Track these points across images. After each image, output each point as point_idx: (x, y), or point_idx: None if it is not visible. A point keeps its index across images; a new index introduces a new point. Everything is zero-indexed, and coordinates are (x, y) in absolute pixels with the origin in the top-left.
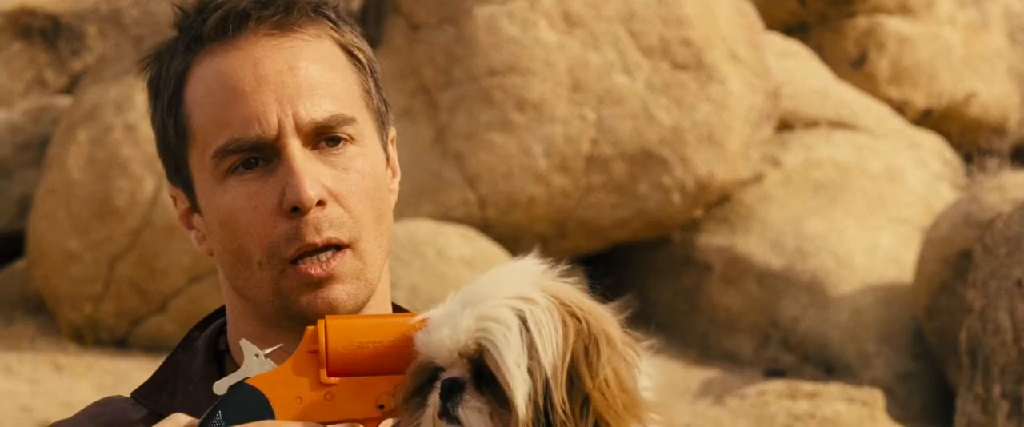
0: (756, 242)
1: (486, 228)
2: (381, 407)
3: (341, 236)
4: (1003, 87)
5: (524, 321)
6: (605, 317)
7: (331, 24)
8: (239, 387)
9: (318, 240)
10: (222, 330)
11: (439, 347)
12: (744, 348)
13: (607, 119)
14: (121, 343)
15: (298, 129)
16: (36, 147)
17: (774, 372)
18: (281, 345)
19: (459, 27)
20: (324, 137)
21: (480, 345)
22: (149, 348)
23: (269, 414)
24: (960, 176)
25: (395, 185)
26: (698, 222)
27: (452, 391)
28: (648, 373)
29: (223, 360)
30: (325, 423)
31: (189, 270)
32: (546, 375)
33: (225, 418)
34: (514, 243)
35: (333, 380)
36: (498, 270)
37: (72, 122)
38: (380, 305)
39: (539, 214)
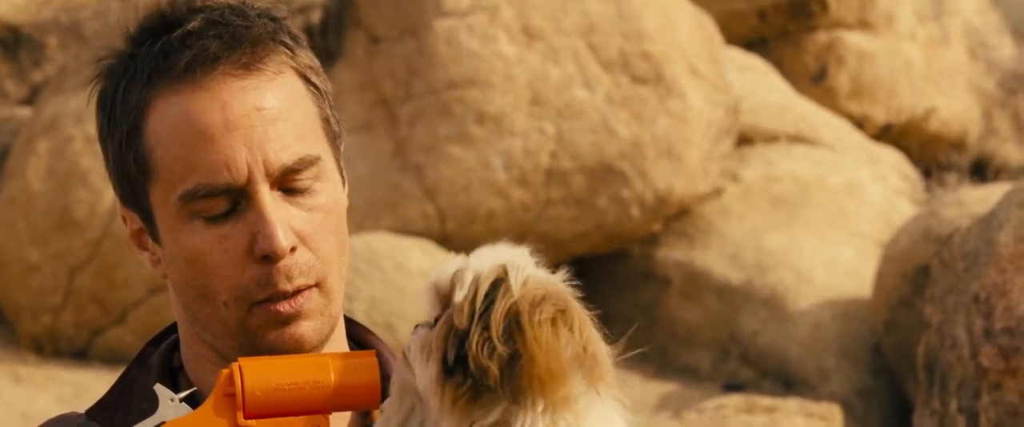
0: (715, 256)
1: (445, 241)
2: None
3: (310, 281)
4: (963, 102)
5: (500, 273)
6: (568, 295)
7: (287, 51)
8: None
9: (289, 287)
10: (176, 346)
11: (427, 293)
12: (703, 362)
13: (566, 133)
14: (81, 354)
15: (268, 174)
16: None
17: (732, 386)
18: (195, 389)
19: (419, 40)
20: (291, 185)
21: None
22: (109, 360)
23: None
24: (919, 191)
25: (345, 196)
26: (657, 236)
27: (417, 329)
28: (621, 392)
29: (177, 377)
30: None
31: (149, 281)
32: (489, 304)
33: None
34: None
35: (250, 423)
36: (493, 249)
37: (32, 133)
38: (337, 331)
39: (498, 227)
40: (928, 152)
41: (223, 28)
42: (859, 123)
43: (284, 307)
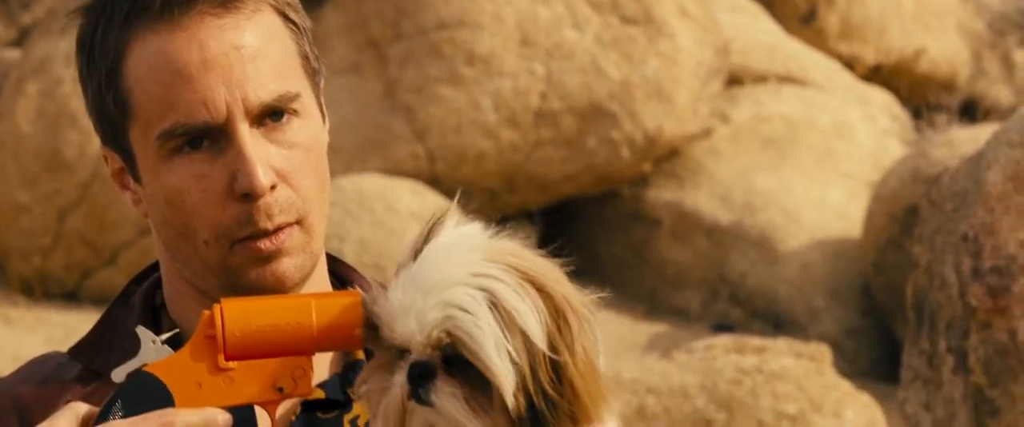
0: (705, 197)
1: (435, 182)
2: (280, 390)
3: (290, 218)
4: (952, 43)
5: (495, 304)
6: (560, 278)
7: None
8: (137, 375)
9: (270, 225)
10: (159, 284)
11: (406, 337)
12: (692, 303)
13: (556, 73)
14: (71, 296)
15: (247, 111)
16: None
17: (722, 327)
18: (177, 330)
19: None
20: (270, 119)
21: (451, 335)
22: (99, 301)
23: (168, 401)
24: (909, 132)
25: (326, 134)
26: (647, 177)
27: (422, 377)
28: (599, 331)
29: (159, 316)
30: (225, 407)
31: (138, 223)
32: (530, 359)
33: (124, 407)
34: (463, 197)
35: (231, 364)
36: (442, 243)
37: (21, 75)
38: (318, 267)
39: (488, 168)
40: (918, 93)
41: None
42: (849, 64)
43: (265, 245)
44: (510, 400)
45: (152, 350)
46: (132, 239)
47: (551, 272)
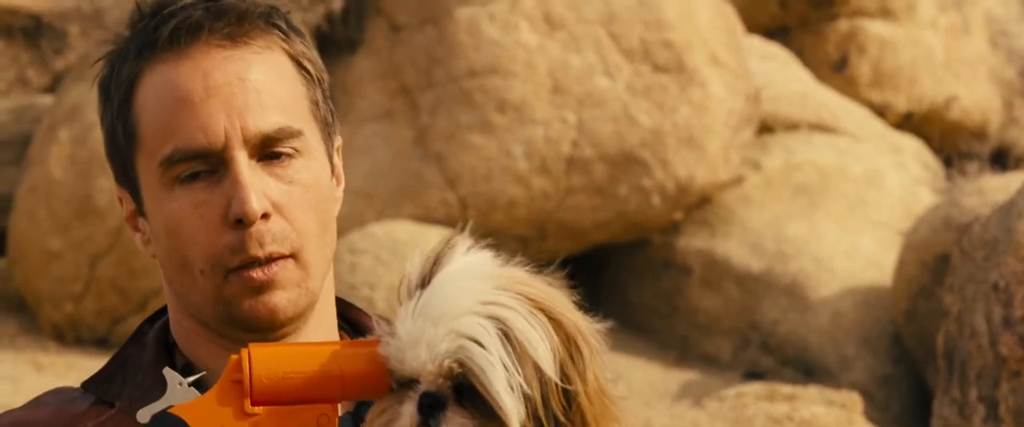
0: (736, 245)
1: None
2: None
3: (283, 249)
4: (984, 91)
5: (506, 333)
6: (569, 306)
7: (281, 34)
8: (163, 416)
9: (261, 254)
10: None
11: (416, 368)
12: (723, 350)
13: (588, 121)
14: (102, 342)
15: (246, 140)
16: (18, 146)
17: (753, 374)
18: (204, 373)
19: (440, 28)
20: (270, 150)
21: (462, 365)
22: None
23: None
24: (940, 180)
25: (339, 193)
26: (678, 225)
27: (433, 408)
28: (606, 358)
29: (173, 353)
30: None
31: None
32: (541, 388)
33: None
34: (494, 245)
35: (257, 409)
36: (451, 271)
37: (54, 121)
38: (324, 312)
39: (519, 216)
40: (949, 141)
41: (213, 3)
42: (880, 112)
43: (257, 274)
44: None
45: (179, 392)
46: (162, 286)
47: (561, 300)
